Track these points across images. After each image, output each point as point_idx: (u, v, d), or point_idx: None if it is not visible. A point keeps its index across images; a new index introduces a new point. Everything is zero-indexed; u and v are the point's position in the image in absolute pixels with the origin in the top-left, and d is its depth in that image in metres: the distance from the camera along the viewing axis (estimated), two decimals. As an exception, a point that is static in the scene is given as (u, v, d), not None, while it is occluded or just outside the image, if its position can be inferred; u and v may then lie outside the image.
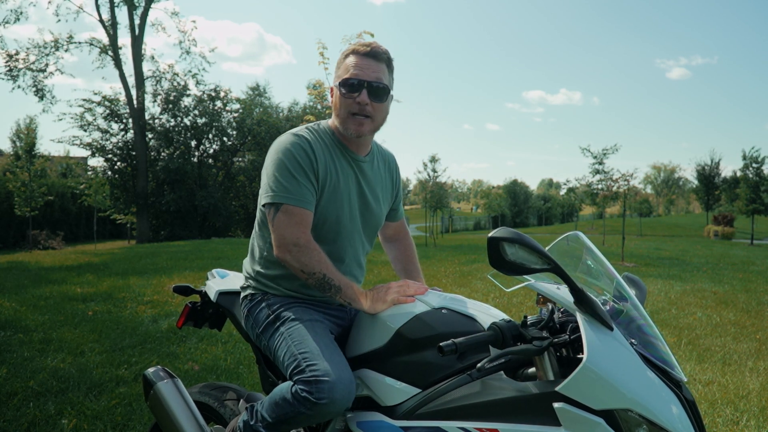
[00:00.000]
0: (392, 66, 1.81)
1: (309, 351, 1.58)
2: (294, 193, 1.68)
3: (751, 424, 3.22)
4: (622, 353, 1.24)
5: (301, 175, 1.69)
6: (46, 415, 3.09)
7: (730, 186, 35.99)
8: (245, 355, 4.24)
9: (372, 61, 1.74)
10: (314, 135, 1.79)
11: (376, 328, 1.63)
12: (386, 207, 1.99)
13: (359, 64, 1.73)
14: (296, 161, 1.70)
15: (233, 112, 27.16)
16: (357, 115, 1.73)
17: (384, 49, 1.77)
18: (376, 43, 1.77)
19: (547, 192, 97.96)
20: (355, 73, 1.72)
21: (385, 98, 1.76)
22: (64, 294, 6.75)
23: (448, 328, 1.52)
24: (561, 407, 1.22)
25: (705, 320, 6.10)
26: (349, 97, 1.72)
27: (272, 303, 1.79)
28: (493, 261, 1.24)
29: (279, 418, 1.58)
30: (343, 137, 1.81)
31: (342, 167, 1.80)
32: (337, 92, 1.76)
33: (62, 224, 28.96)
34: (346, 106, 1.74)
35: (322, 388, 1.48)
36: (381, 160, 1.95)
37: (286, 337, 1.67)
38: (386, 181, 1.97)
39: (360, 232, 1.86)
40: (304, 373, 1.53)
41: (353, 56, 1.75)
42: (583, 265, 1.46)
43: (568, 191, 22.43)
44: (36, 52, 23.27)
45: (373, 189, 1.88)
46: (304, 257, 1.65)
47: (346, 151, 1.82)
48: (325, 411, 1.50)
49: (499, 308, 1.67)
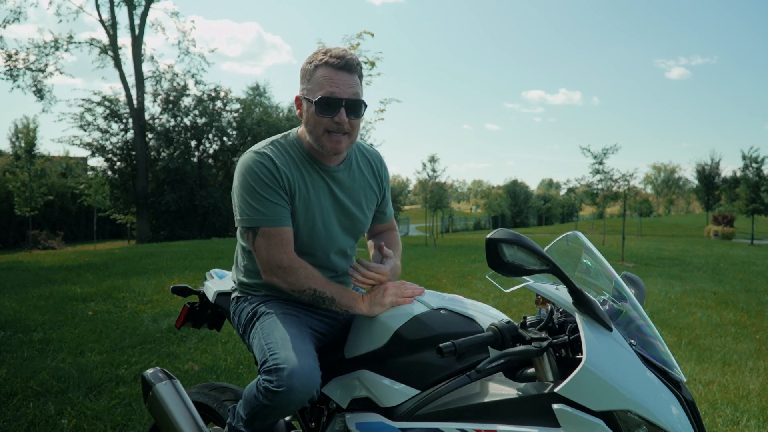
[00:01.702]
0: (362, 74, 1.73)
1: (274, 341, 1.58)
2: (267, 213, 1.65)
3: (751, 424, 3.22)
4: (622, 354, 1.24)
5: (270, 194, 1.66)
6: (46, 415, 3.09)
7: (730, 186, 35.97)
8: (245, 356, 4.24)
9: (346, 75, 1.65)
10: (278, 149, 1.72)
11: (374, 329, 1.63)
12: (370, 210, 1.92)
13: (334, 80, 1.63)
14: (262, 181, 1.65)
15: (233, 112, 27.16)
16: (333, 133, 1.67)
17: (356, 59, 1.68)
18: (347, 53, 1.67)
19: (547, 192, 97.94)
20: (331, 90, 1.63)
21: (361, 112, 1.69)
22: (64, 294, 6.75)
23: (447, 329, 1.52)
24: (560, 408, 1.22)
25: (705, 320, 6.10)
26: (325, 115, 1.64)
27: (253, 301, 1.81)
28: (491, 262, 1.24)
29: (250, 415, 1.59)
30: (314, 149, 1.74)
31: (312, 180, 1.74)
32: (309, 108, 1.67)
33: (62, 224, 28.95)
34: (321, 124, 1.66)
35: (281, 376, 1.47)
36: (362, 163, 1.88)
37: (259, 331, 1.68)
38: (369, 183, 1.88)
39: (339, 240, 1.83)
40: (267, 363, 1.54)
41: (325, 69, 1.64)
42: (582, 265, 1.46)
43: (568, 191, 22.44)
44: (36, 52, 23.27)
45: (351, 196, 1.82)
46: (290, 277, 1.65)
47: (316, 163, 1.75)
48: (285, 400, 1.47)
49: (499, 308, 1.67)
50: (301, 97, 1.73)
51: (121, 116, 24.54)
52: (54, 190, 26.65)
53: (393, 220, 2.12)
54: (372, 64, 10.17)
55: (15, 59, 22.90)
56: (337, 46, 1.72)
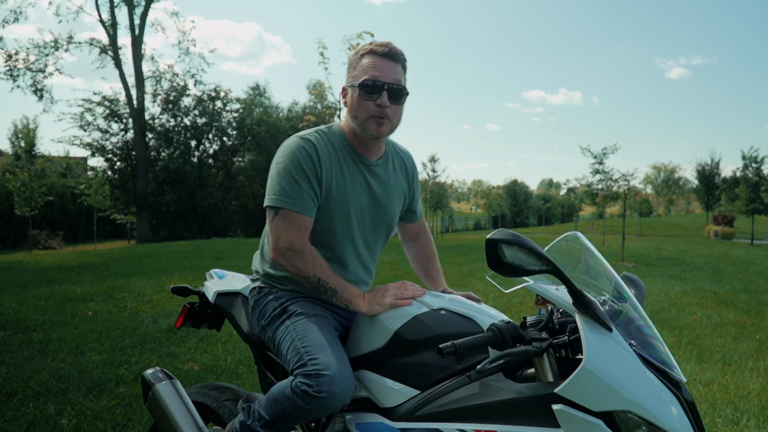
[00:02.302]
0: (407, 67, 1.79)
1: (312, 345, 1.59)
2: (294, 198, 1.68)
3: (751, 424, 3.22)
4: (621, 354, 1.24)
5: (303, 181, 1.69)
6: (46, 415, 3.09)
7: (730, 186, 35.96)
8: (245, 356, 4.24)
9: (390, 62, 1.72)
10: (323, 138, 1.77)
11: (375, 330, 1.63)
12: (400, 209, 1.97)
13: (377, 65, 1.70)
14: (300, 166, 1.69)
15: (233, 112, 27.16)
16: (376, 117, 1.71)
17: (400, 51, 1.75)
18: (392, 44, 1.75)
19: (547, 192, 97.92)
20: (374, 74, 1.69)
21: (403, 100, 1.75)
22: (64, 294, 6.75)
23: (447, 330, 1.52)
24: (560, 409, 1.22)
25: (705, 320, 6.10)
26: (368, 99, 1.70)
27: (280, 296, 1.80)
28: (491, 263, 1.24)
29: (277, 415, 1.58)
30: (357, 140, 1.79)
31: (351, 172, 1.78)
32: (353, 93, 1.73)
33: (62, 224, 28.95)
34: (365, 108, 1.71)
35: (322, 381, 1.49)
36: (397, 161, 1.93)
37: (291, 330, 1.68)
38: (401, 182, 1.94)
39: (369, 235, 1.87)
40: (306, 367, 1.54)
41: (370, 57, 1.72)
42: (582, 265, 1.46)
43: (568, 191, 22.46)
44: (36, 52, 23.27)
45: (385, 192, 1.86)
46: (298, 261, 1.66)
47: (357, 155, 1.80)
48: (324, 405, 1.50)
49: (499, 309, 1.67)
50: (346, 86, 1.78)
51: (121, 116, 24.54)
52: (54, 190, 26.65)
53: (423, 220, 2.16)
54: (372, 64, 10.17)
55: (15, 59, 22.91)
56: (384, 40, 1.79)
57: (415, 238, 2.14)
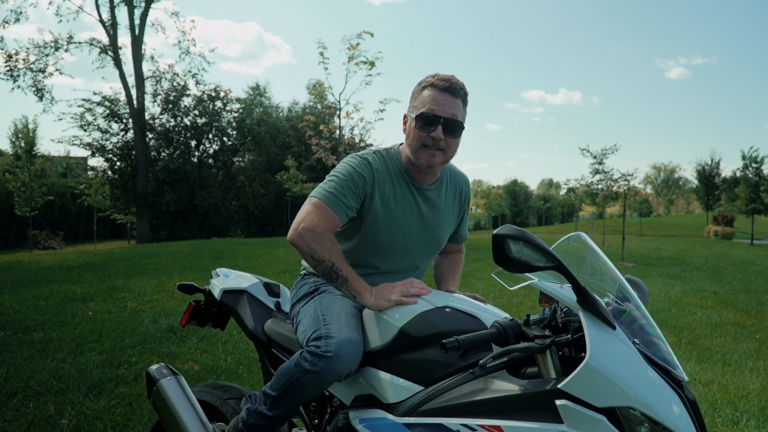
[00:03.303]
0: (467, 100, 1.84)
1: (330, 315, 1.66)
2: (334, 196, 1.75)
3: (751, 424, 3.22)
4: (625, 352, 1.24)
5: (348, 190, 1.77)
6: (46, 415, 3.08)
7: (730, 186, 35.97)
8: (245, 356, 4.24)
9: (449, 97, 1.78)
10: (380, 160, 1.86)
11: (379, 326, 1.64)
12: (449, 232, 2.03)
13: (436, 99, 1.77)
14: (351, 177, 1.78)
15: (233, 112, 27.17)
16: (429, 147, 1.78)
17: (461, 84, 1.81)
18: (454, 78, 1.80)
19: (547, 192, 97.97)
20: (432, 108, 1.76)
21: (459, 134, 1.81)
22: (64, 294, 6.74)
23: (451, 327, 1.52)
24: (563, 404, 1.22)
25: (705, 320, 6.10)
26: (424, 130, 1.77)
27: (318, 280, 1.89)
28: (497, 258, 1.25)
29: (284, 387, 1.62)
30: (411, 165, 1.86)
31: (403, 195, 1.86)
32: (411, 123, 1.81)
33: (62, 224, 28.95)
34: (420, 138, 1.78)
35: (329, 342, 1.55)
36: (451, 186, 1.99)
37: (317, 303, 1.75)
38: (454, 207, 2.00)
39: (416, 256, 1.92)
40: (319, 331, 1.60)
41: (431, 90, 1.78)
42: (586, 265, 1.46)
43: (568, 191, 22.43)
44: (36, 52, 23.28)
45: (435, 216, 1.92)
46: (315, 243, 1.70)
47: (411, 179, 1.87)
48: (330, 367, 1.53)
49: (499, 308, 1.68)
50: (406, 115, 1.87)
51: (121, 116, 24.56)
52: (54, 190, 26.65)
53: (462, 245, 2.20)
54: (371, 64, 10.19)
55: (15, 59, 22.91)
56: (447, 74, 1.82)
57: (449, 253, 2.18)
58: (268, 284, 2.19)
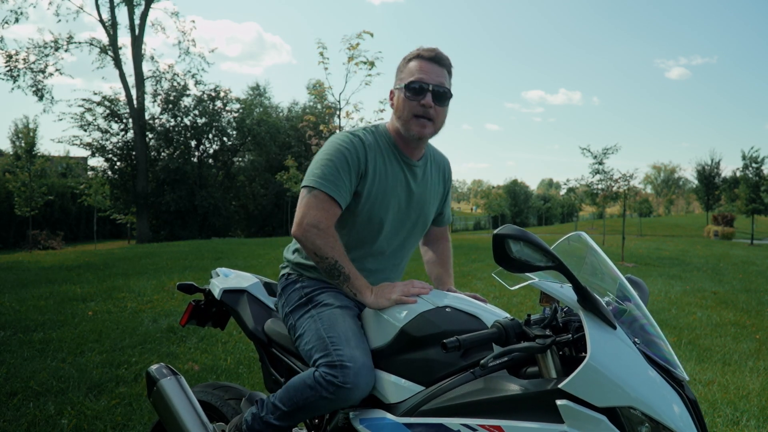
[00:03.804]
0: (452, 72, 1.86)
1: (337, 336, 1.62)
2: (331, 182, 1.72)
3: (751, 424, 3.22)
4: (625, 351, 1.24)
5: (344, 171, 1.74)
6: (46, 415, 3.08)
7: (730, 186, 35.97)
8: (245, 356, 4.24)
9: (435, 66, 1.79)
10: (371, 136, 1.85)
11: (380, 326, 1.64)
12: (434, 210, 2.03)
13: (424, 69, 1.78)
14: (344, 157, 1.75)
15: (233, 112, 27.16)
16: (420, 117, 1.78)
17: (446, 56, 1.83)
18: (438, 49, 1.82)
19: (547, 192, 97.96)
20: (420, 77, 1.77)
21: (447, 102, 1.82)
22: (64, 294, 6.74)
23: (451, 326, 1.52)
24: (564, 404, 1.22)
25: (705, 320, 6.10)
26: (413, 99, 1.77)
27: (306, 285, 1.84)
28: (497, 258, 1.25)
29: (297, 405, 1.60)
30: (401, 140, 1.86)
31: (393, 171, 1.85)
32: (400, 95, 1.81)
33: (62, 224, 28.94)
34: (410, 108, 1.78)
35: (347, 372, 1.52)
36: (434, 164, 1.99)
37: (317, 319, 1.71)
38: (437, 185, 2.00)
39: (405, 232, 1.91)
40: (330, 357, 1.57)
41: (417, 60, 1.80)
42: (586, 265, 1.46)
43: (568, 191, 22.40)
44: (36, 52, 23.27)
45: (422, 193, 1.92)
46: (319, 240, 1.69)
47: (401, 154, 1.87)
48: (347, 396, 1.53)
49: (500, 308, 1.67)
50: (393, 89, 1.87)
51: (121, 116, 24.55)
52: (54, 190, 26.65)
53: (447, 228, 2.19)
54: (371, 65, 10.17)
55: (15, 59, 22.90)
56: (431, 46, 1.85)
57: (436, 241, 2.18)
58: (268, 284, 2.19)
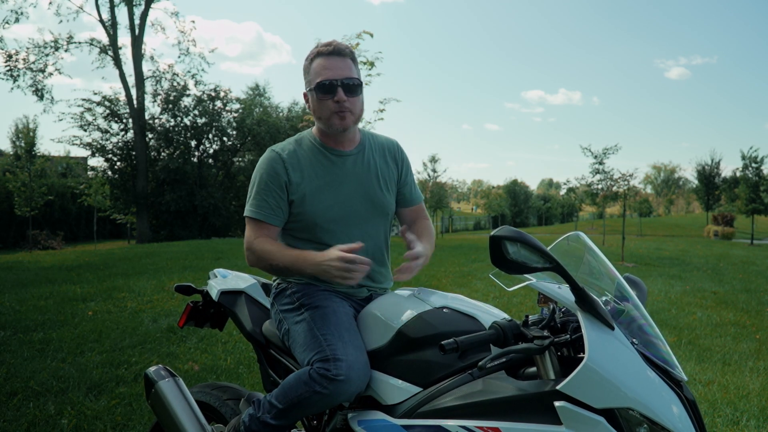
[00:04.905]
0: (355, 58, 1.88)
1: (330, 333, 1.64)
2: (260, 207, 1.82)
3: (751, 424, 3.22)
4: (623, 352, 1.24)
5: (268, 192, 1.82)
6: (46, 415, 3.08)
7: (730, 186, 35.96)
8: (245, 356, 4.24)
9: (338, 59, 1.81)
10: (294, 146, 1.88)
11: (377, 328, 1.64)
12: (391, 190, 1.99)
13: (327, 65, 1.80)
14: (264, 180, 1.82)
15: (233, 112, 27.14)
16: (337, 112, 1.80)
17: (345, 45, 1.84)
18: (336, 41, 1.84)
19: (547, 192, 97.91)
20: (327, 75, 1.79)
21: (359, 92, 1.84)
22: (64, 294, 6.74)
23: (449, 327, 1.52)
24: (562, 406, 1.22)
25: (705, 320, 6.10)
26: (325, 98, 1.80)
27: (297, 290, 1.86)
28: (495, 259, 1.24)
29: (292, 402, 1.61)
30: (326, 138, 1.89)
31: (324, 168, 1.86)
32: (313, 97, 1.83)
33: (62, 224, 28.94)
34: (326, 107, 1.81)
35: (339, 365, 1.54)
36: (376, 148, 1.98)
37: (309, 321, 1.73)
38: (386, 163, 1.98)
39: (362, 223, 1.90)
40: (323, 352, 1.59)
41: (319, 59, 1.82)
42: (584, 265, 1.46)
43: (568, 191, 22.41)
44: (36, 52, 23.25)
45: (367, 179, 1.91)
46: (256, 258, 1.79)
47: (331, 151, 1.89)
48: (341, 389, 1.53)
49: (499, 308, 1.67)
50: (306, 92, 1.89)
51: (121, 116, 24.52)
52: (54, 190, 26.65)
53: (423, 208, 2.15)
54: (371, 64, 10.17)
55: (15, 59, 22.89)
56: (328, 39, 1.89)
57: (413, 222, 2.09)
58: (265, 285, 2.19)
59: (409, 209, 2.09)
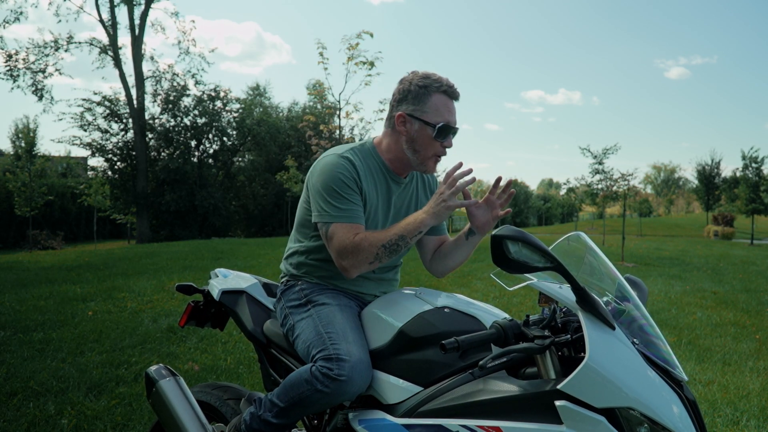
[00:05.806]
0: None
1: (335, 331, 1.64)
2: (344, 210, 1.72)
3: (751, 424, 3.22)
4: (624, 352, 1.24)
5: (349, 194, 1.73)
6: (46, 415, 3.08)
7: (730, 186, 35.96)
8: (245, 356, 4.24)
9: (456, 104, 1.80)
10: (358, 156, 1.81)
11: (379, 327, 1.64)
12: None
13: (451, 109, 1.77)
14: (343, 182, 1.73)
15: (233, 112, 27.16)
16: (437, 155, 1.80)
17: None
18: (453, 83, 1.80)
19: (547, 192, 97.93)
20: (449, 119, 1.76)
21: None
22: (64, 294, 6.74)
23: (450, 327, 1.52)
24: (563, 405, 1.22)
25: (705, 320, 6.10)
26: (438, 140, 1.77)
27: (305, 287, 1.85)
28: (496, 259, 1.25)
29: (293, 400, 1.61)
30: (393, 163, 1.85)
31: (381, 190, 1.85)
32: (423, 130, 1.76)
33: (62, 224, 28.95)
34: (433, 148, 1.78)
35: (342, 365, 1.53)
36: (420, 180, 1.99)
37: (315, 317, 1.72)
38: (424, 199, 1.98)
39: None
40: (327, 351, 1.58)
41: (443, 97, 1.76)
42: (585, 265, 1.46)
43: (568, 191, 22.41)
44: (36, 52, 23.26)
45: (405, 205, 1.92)
46: (357, 260, 1.67)
47: (390, 173, 1.87)
48: (343, 389, 1.53)
49: (500, 308, 1.68)
50: (405, 115, 1.78)
51: (121, 116, 24.54)
52: (54, 190, 26.66)
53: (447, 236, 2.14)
54: (371, 65, 10.18)
55: (15, 59, 22.90)
56: (442, 76, 1.81)
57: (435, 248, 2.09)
58: (267, 284, 2.19)
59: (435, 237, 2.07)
